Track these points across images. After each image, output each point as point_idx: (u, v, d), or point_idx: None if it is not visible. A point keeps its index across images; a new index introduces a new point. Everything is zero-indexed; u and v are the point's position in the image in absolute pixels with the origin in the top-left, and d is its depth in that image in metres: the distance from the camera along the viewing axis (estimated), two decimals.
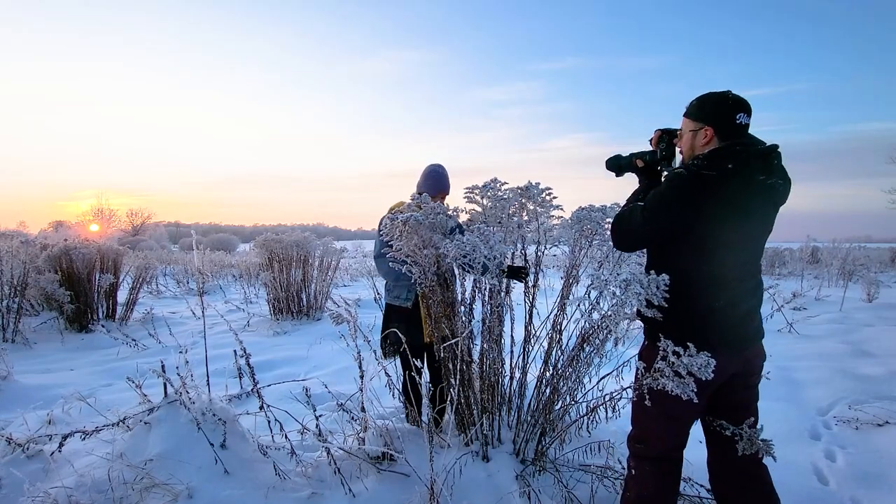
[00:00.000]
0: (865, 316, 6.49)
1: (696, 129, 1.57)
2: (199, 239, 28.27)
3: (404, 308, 2.54)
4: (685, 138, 1.62)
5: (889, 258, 16.95)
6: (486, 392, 2.19)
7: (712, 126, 1.53)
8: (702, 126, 1.55)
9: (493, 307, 2.18)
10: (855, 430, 2.83)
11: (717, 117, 1.52)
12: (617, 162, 1.91)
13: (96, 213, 41.38)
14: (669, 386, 1.49)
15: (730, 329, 1.55)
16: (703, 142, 1.55)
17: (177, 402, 2.12)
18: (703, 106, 1.56)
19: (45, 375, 4.02)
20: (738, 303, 1.55)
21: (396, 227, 2.14)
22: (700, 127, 1.56)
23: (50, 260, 5.83)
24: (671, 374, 1.49)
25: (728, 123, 1.51)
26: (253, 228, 75.42)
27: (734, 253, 1.54)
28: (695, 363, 1.45)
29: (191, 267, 12.68)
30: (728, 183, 1.45)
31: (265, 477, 2.02)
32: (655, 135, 1.81)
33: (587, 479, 2.07)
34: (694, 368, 1.45)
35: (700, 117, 1.56)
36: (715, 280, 1.53)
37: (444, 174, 2.65)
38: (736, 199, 1.46)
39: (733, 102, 1.51)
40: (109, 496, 1.83)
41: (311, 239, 6.82)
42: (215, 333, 5.41)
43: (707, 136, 1.54)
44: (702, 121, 1.55)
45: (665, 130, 1.78)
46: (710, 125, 1.53)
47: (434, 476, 1.80)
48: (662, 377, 1.51)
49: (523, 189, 2.11)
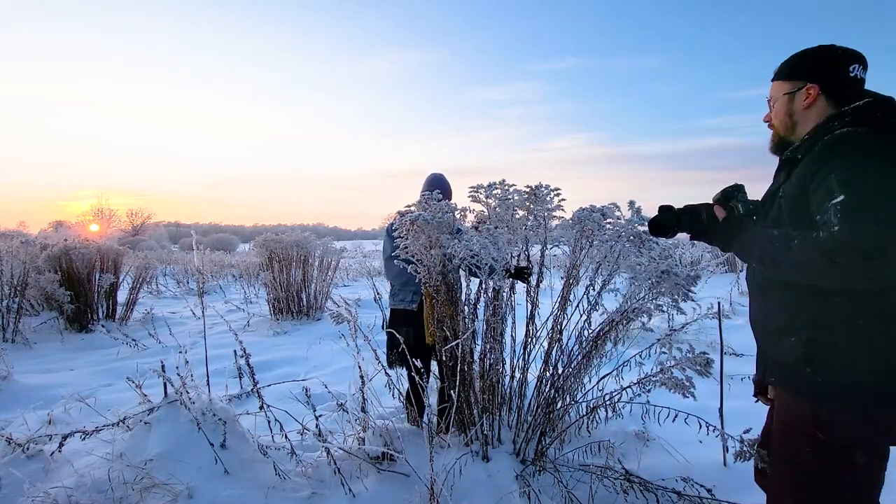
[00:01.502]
0: None
1: (795, 89, 1.24)
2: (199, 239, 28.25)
3: (409, 310, 2.58)
4: (778, 104, 1.28)
5: None
6: (487, 392, 2.19)
7: (818, 82, 1.20)
8: (802, 84, 1.22)
9: (496, 308, 2.18)
10: None
11: (824, 71, 1.19)
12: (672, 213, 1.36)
13: (96, 213, 41.44)
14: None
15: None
16: (806, 103, 1.22)
17: (177, 402, 2.12)
18: (803, 62, 1.23)
19: (45, 375, 4.02)
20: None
21: (404, 225, 2.15)
22: (800, 86, 1.23)
23: (50, 260, 5.83)
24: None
25: (840, 77, 1.18)
26: (253, 228, 75.45)
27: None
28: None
29: (191, 267, 12.68)
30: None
31: (265, 477, 2.01)
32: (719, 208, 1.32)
33: (587, 479, 2.07)
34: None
35: (800, 74, 1.23)
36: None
37: (445, 180, 2.78)
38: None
39: (843, 52, 1.19)
40: (109, 496, 1.83)
41: (311, 239, 6.82)
42: (215, 333, 5.41)
43: (811, 95, 1.21)
44: (803, 78, 1.22)
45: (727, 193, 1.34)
46: (816, 81, 1.20)
47: (434, 476, 1.80)
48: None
49: (532, 190, 2.11)
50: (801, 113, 1.24)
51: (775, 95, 1.30)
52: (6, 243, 5.48)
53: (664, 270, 1.73)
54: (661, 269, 1.75)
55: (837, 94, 1.19)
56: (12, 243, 5.50)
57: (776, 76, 1.30)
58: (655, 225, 1.39)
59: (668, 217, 1.35)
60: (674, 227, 1.34)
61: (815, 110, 1.21)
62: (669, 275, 1.71)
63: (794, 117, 1.25)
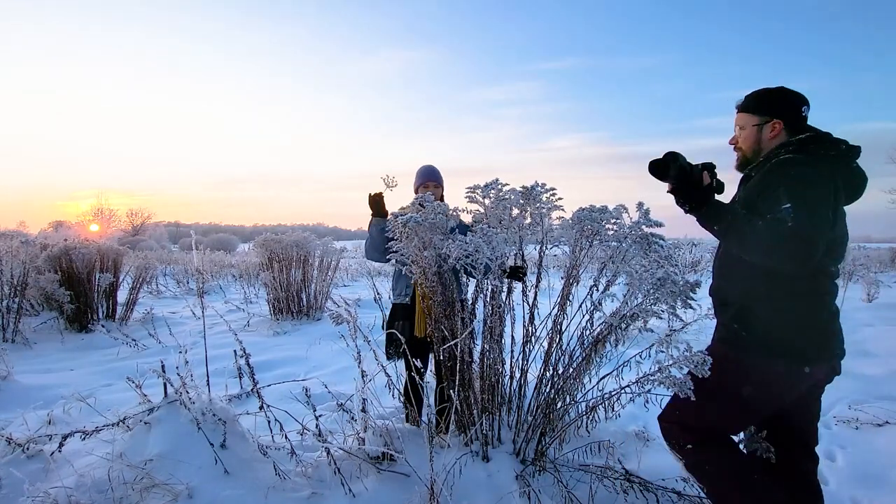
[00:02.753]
0: (865, 316, 6.48)
1: (763, 122, 1.55)
2: (199, 239, 28.27)
3: (405, 304, 2.60)
4: (747, 133, 1.58)
5: (889, 258, 16.93)
6: (486, 392, 2.19)
7: (782, 119, 1.52)
8: (769, 119, 1.54)
9: (495, 307, 2.18)
10: (855, 430, 2.83)
11: (787, 110, 1.52)
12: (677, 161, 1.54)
13: (96, 213, 41.41)
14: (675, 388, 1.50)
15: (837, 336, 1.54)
16: (772, 134, 1.54)
17: (177, 402, 2.12)
18: (769, 100, 1.55)
19: (45, 375, 4.02)
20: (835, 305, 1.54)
21: (396, 228, 2.15)
22: (767, 120, 1.54)
23: (50, 260, 5.83)
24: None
25: (797, 115, 1.52)
26: (253, 228, 75.44)
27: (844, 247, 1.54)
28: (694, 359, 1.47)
29: (191, 267, 12.68)
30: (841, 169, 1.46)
31: (265, 477, 2.01)
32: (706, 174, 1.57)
33: (587, 479, 2.07)
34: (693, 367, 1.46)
35: (766, 111, 1.54)
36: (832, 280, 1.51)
37: (433, 167, 2.77)
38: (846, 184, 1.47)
39: (797, 95, 1.53)
40: (109, 496, 1.83)
41: (311, 239, 6.82)
42: (215, 333, 5.41)
43: (776, 128, 1.53)
44: (769, 114, 1.54)
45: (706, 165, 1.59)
46: (780, 118, 1.53)
47: (434, 476, 1.80)
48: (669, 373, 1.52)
49: (527, 189, 2.11)
50: (766, 142, 1.56)
51: (744, 124, 1.60)
52: (6, 243, 5.48)
53: (661, 277, 1.69)
54: (657, 275, 1.71)
55: (793, 128, 1.53)
56: (12, 243, 5.50)
57: (744, 108, 1.60)
58: (656, 166, 1.58)
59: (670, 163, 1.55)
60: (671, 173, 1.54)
61: (778, 140, 1.54)
62: (667, 282, 1.68)
63: (761, 144, 1.57)
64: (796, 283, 1.46)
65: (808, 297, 1.48)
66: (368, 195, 2.60)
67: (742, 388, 1.53)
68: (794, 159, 1.44)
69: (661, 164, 1.56)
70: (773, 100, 1.54)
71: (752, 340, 1.51)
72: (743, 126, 1.60)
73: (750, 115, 1.58)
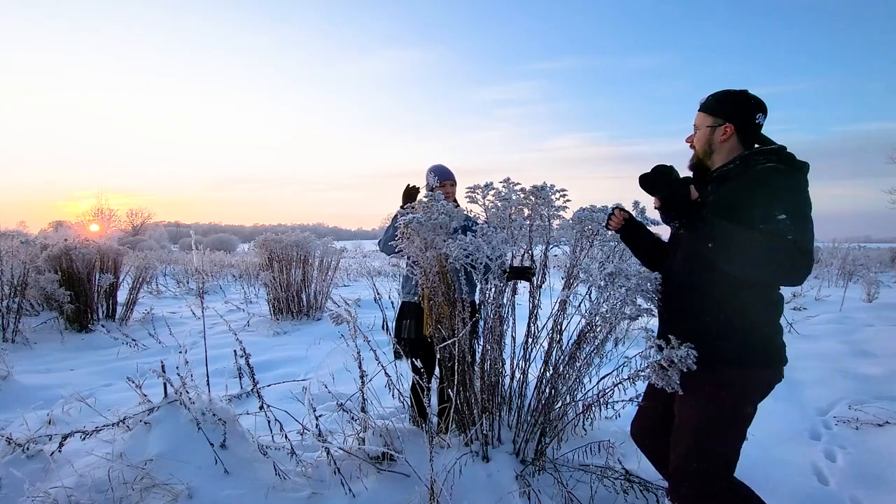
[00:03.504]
0: (865, 316, 6.49)
1: (716, 124, 1.56)
2: (199, 239, 28.23)
3: (413, 302, 2.61)
4: (701, 133, 1.59)
5: (889, 258, 16.94)
6: (486, 392, 2.19)
7: (734, 123, 1.53)
8: (722, 122, 1.54)
9: (495, 307, 2.18)
10: (855, 430, 2.83)
11: (740, 115, 1.53)
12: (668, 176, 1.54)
13: (96, 213, 41.43)
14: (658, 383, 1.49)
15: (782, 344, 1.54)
16: (723, 138, 1.55)
17: (177, 402, 2.12)
18: (725, 103, 1.55)
19: (45, 375, 4.02)
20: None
21: (399, 228, 2.14)
22: (720, 123, 1.55)
23: (50, 260, 5.83)
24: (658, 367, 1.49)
25: (749, 122, 1.52)
26: (253, 228, 75.42)
27: None
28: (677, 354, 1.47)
29: (191, 267, 12.68)
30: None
31: (265, 477, 2.01)
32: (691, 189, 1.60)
33: (587, 479, 2.07)
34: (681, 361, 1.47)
35: (721, 113, 1.55)
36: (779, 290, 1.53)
37: (445, 167, 2.80)
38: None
39: (755, 102, 1.53)
40: (109, 496, 1.83)
41: (311, 239, 6.82)
42: (215, 333, 5.41)
43: (727, 132, 1.54)
44: (722, 117, 1.54)
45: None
46: (732, 122, 1.53)
47: (434, 476, 1.80)
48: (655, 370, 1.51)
49: (537, 189, 2.11)
50: (718, 144, 1.56)
51: (699, 124, 1.60)
52: (6, 243, 5.48)
53: (611, 272, 1.63)
54: (607, 270, 1.64)
55: (743, 134, 1.53)
56: (12, 243, 5.50)
57: (702, 107, 1.59)
58: (645, 180, 1.56)
59: (658, 178, 1.54)
60: (661, 188, 1.52)
61: (728, 144, 1.55)
62: (618, 276, 1.61)
63: (713, 146, 1.57)
64: (771, 291, 1.49)
65: (778, 304, 1.51)
66: (406, 185, 2.63)
67: (747, 404, 1.51)
68: (779, 169, 1.44)
69: (651, 179, 1.55)
70: (729, 103, 1.54)
71: (738, 351, 1.48)
72: (699, 126, 1.60)
73: (706, 116, 1.58)
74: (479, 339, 2.24)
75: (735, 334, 1.48)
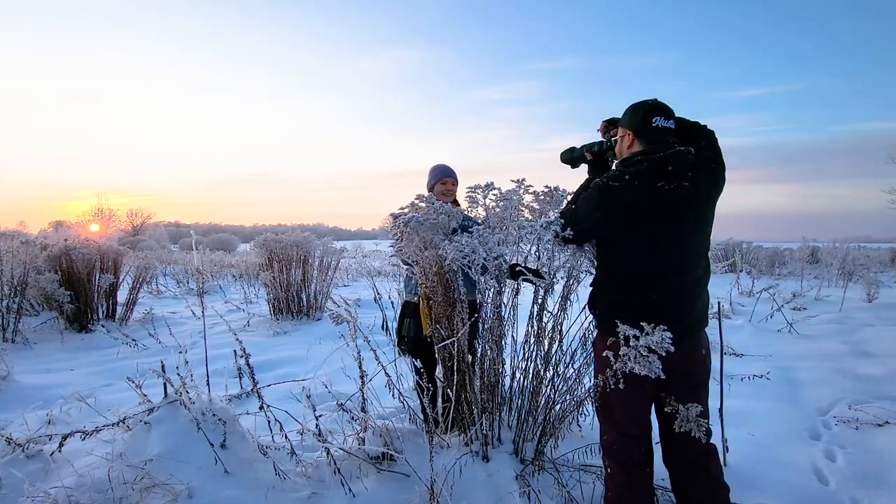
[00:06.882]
0: (865, 316, 6.49)
1: (623, 134, 1.74)
2: (199, 239, 28.26)
3: (413, 302, 2.61)
4: (618, 143, 1.78)
5: (889, 258, 16.93)
6: (486, 392, 2.19)
7: (632, 130, 1.68)
8: (626, 131, 1.71)
9: (495, 308, 2.18)
10: (855, 430, 2.83)
11: (635, 122, 1.67)
12: (570, 155, 2.04)
13: (96, 213, 41.38)
14: (637, 369, 1.50)
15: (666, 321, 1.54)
16: (627, 145, 1.71)
17: (177, 402, 2.12)
18: (626, 115, 1.72)
19: (45, 375, 4.02)
20: (675, 297, 1.65)
21: (398, 227, 2.14)
22: (624, 133, 1.72)
23: (50, 260, 5.83)
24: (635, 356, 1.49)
25: (645, 127, 1.65)
26: (253, 228, 75.37)
27: (660, 253, 1.64)
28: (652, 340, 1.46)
29: (191, 267, 12.67)
30: (629, 192, 1.59)
31: (265, 477, 2.01)
32: (602, 125, 1.94)
33: (587, 479, 2.07)
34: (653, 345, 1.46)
35: (624, 124, 1.72)
36: (645, 277, 1.65)
37: (447, 165, 2.83)
38: (640, 206, 1.59)
39: (650, 107, 1.65)
40: (109, 496, 1.83)
41: (311, 239, 6.82)
42: (215, 333, 5.41)
43: (629, 139, 1.70)
44: (624, 126, 1.72)
45: (611, 120, 1.89)
46: (631, 129, 1.69)
47: (434, 476, 1.80)
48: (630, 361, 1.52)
49: (549, 190, 2.11)
50: (626, 150, 1.73)
51: (619, 136, 1.79)
52: (6, 243, 5.48)
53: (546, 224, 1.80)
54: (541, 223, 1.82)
55: (644, 139, 1.66)
56: (12, 243, 5.49)
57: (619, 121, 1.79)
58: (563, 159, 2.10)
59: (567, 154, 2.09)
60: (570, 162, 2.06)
61: (634, 148, 1.70)
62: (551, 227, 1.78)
63: (623, 152, 1.75)
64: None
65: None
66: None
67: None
68: (594, 185, 1.70)
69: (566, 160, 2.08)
70: (628, 114, 1.71)
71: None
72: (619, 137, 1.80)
73: (620, 127, 1.76)
74: (479, 339, 2.24)
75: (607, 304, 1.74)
